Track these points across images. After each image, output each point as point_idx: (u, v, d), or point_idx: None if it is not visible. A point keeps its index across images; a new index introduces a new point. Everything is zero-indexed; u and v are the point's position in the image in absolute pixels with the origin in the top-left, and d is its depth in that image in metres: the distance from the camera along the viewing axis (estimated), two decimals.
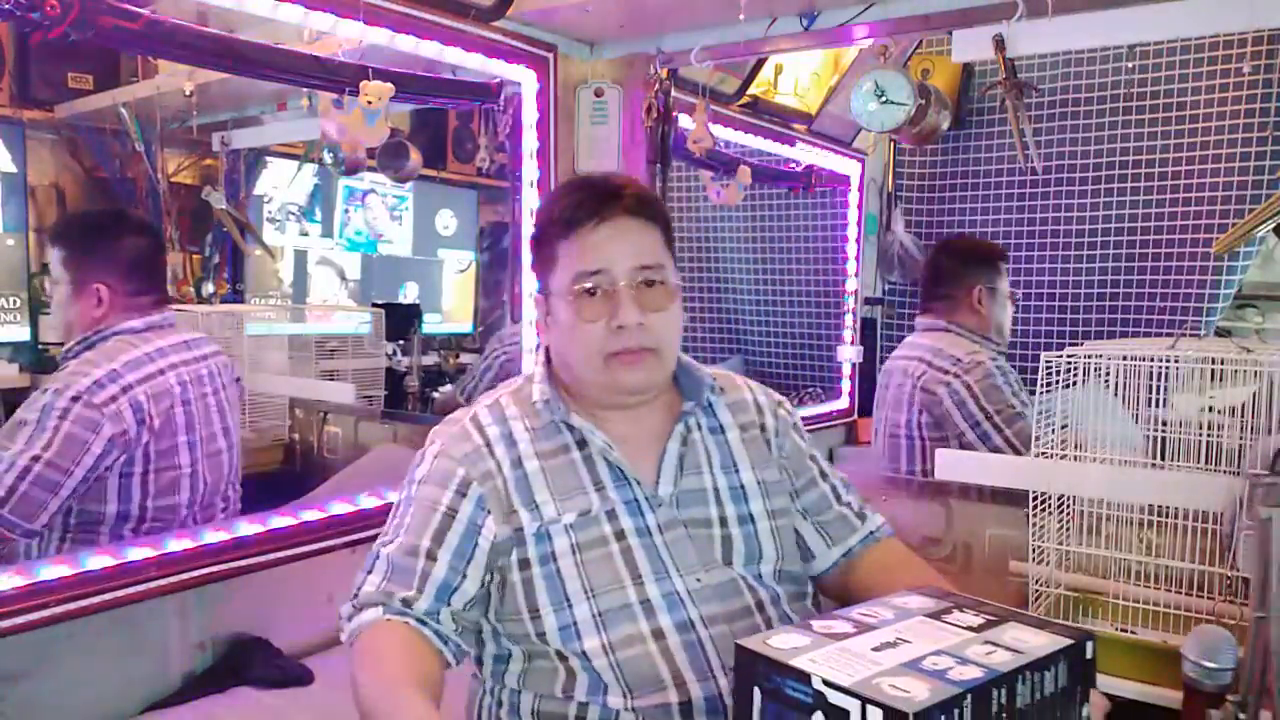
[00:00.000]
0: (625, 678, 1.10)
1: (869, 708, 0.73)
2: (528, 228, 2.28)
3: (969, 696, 0.75)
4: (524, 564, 1.15)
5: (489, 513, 1.15)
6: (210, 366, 1.95)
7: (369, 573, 1.16)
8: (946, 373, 2.25)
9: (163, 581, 1.58)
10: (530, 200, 2.28)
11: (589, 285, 1.16)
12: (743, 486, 1.25)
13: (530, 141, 2.25)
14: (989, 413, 2.19)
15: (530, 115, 2.23)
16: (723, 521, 1.21)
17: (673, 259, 1.23)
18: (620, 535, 1.16)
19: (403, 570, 1.13)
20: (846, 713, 0.75)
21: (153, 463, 1.79)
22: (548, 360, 1.27)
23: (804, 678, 0.78)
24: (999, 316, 2.37)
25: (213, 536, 1.68)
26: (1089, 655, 0.89)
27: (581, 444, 1.20)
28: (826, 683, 0.77)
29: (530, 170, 2.26)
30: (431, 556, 1.13)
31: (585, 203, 1.18)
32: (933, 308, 2.40)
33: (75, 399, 1.66)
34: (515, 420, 1.22)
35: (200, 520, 1.92)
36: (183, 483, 1.85)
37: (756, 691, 0.84)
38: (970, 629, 0.89)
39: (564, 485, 1.17)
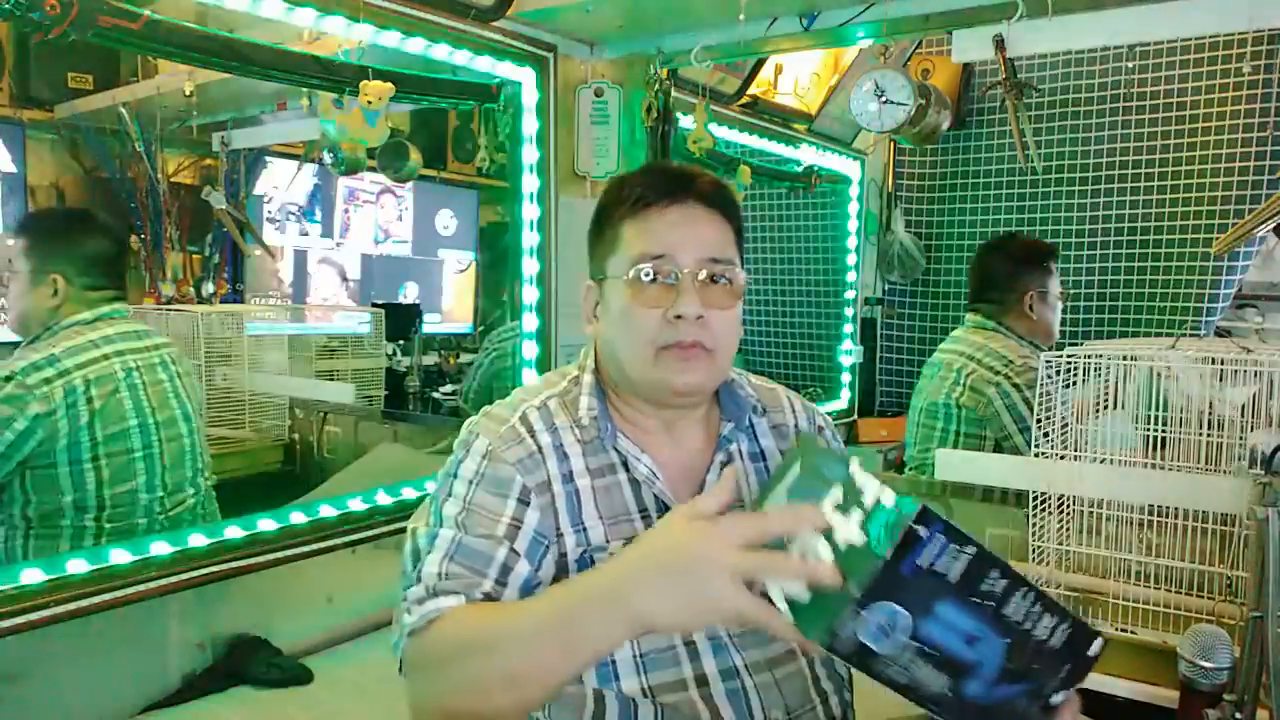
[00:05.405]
0: None
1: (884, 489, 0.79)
2: (528, 227, 2.28)
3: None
4: None
5: (557, 528, 1.08)
6: (163, 355, 1.97)
7: (428, 552, 1.02)
8: (997, 374, 2.23)
9: (163, 581, 1.59)
10: (530, 202, 2.28)
11: (650, 269, 1.08)
12: None
13: (530, 141, 2.25)
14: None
15: (530, 115, 2.24)
16: None
17: (741, 259, 1.15)
18: None
19: (480, 560, 1.01)
20: (861, 491, 0.80)
21: (101, 445, 1.80)
22: (595, 365, 1.19)
23: (845, 462, 0.84)
24: (1049, 319, 2.33)
25: (213, 536, 1.69)
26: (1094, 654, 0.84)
27: (626, 464, 1.13)
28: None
29: (530, 170, 2.27)
30: (514, 551, 1.03)
31: (657, 184, 1.11)
32: (981, 308, 2.36)
33: (8, 379, 1.71)
34: (565, 430, 1.12)
35: (170, 509, 1.92)
36: (138, 466, 1.86)
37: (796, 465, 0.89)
38: None
39: (611, 509, 1.11)
